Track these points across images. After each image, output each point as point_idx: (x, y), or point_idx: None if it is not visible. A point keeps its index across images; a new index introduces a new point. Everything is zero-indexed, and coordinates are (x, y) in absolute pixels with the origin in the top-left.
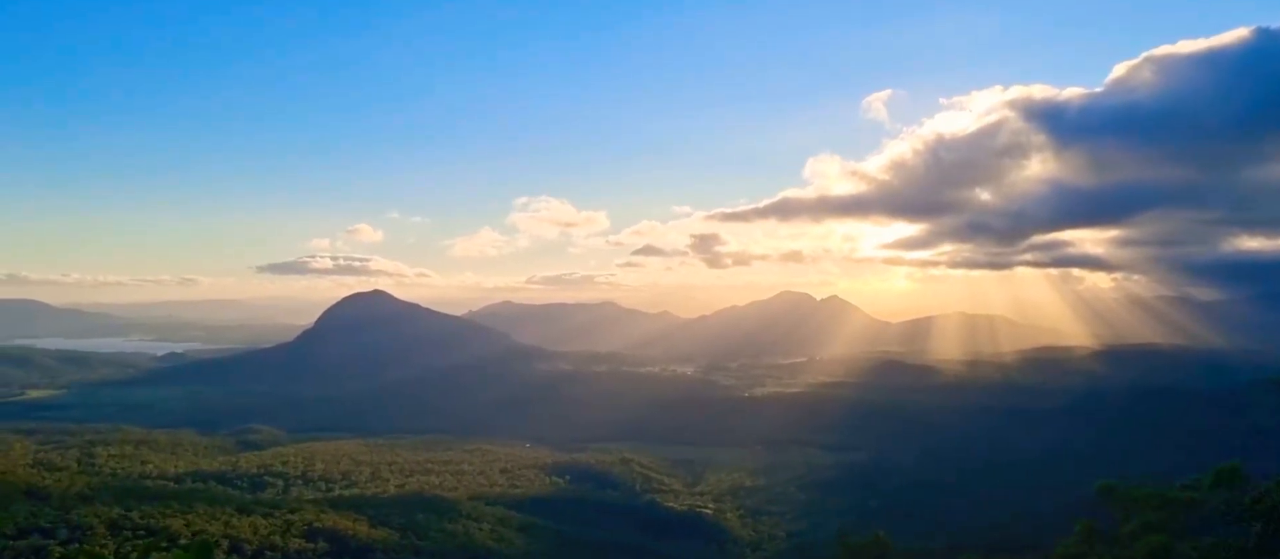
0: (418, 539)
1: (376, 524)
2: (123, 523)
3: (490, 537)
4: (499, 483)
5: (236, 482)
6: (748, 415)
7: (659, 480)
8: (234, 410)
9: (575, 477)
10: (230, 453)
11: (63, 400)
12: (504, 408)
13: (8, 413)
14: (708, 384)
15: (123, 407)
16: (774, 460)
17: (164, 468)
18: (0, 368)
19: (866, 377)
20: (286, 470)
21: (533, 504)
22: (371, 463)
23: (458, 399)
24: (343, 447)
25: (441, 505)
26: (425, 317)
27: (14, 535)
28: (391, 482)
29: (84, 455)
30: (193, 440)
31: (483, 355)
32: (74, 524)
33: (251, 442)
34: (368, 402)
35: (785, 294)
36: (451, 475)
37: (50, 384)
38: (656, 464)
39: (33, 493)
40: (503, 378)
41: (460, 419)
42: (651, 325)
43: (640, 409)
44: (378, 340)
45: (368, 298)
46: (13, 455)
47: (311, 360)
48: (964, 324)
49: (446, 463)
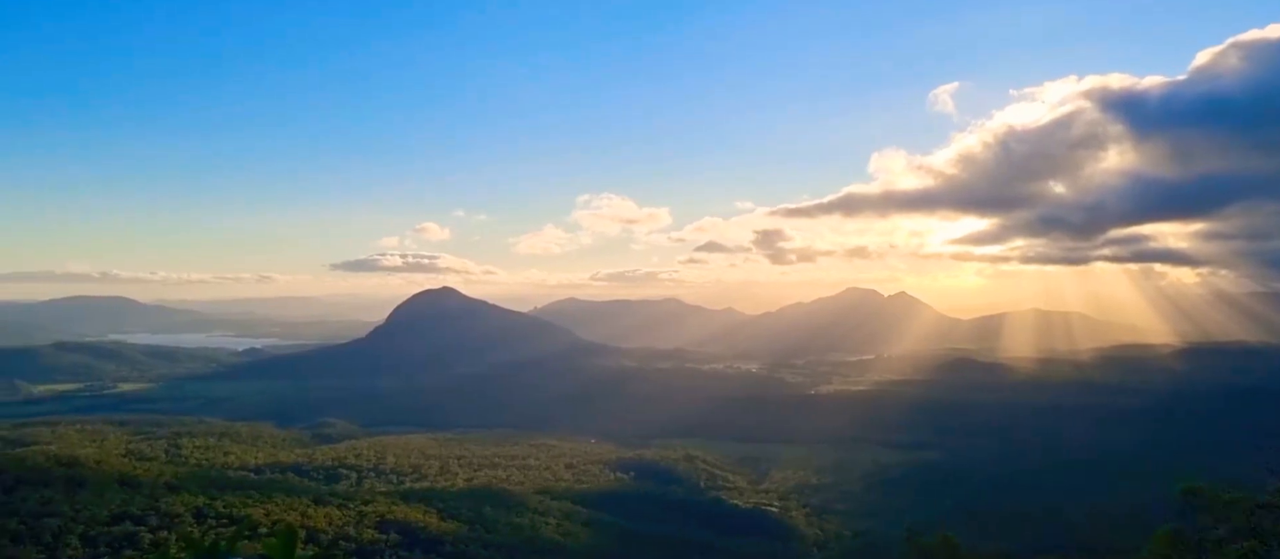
0: (485, 532)
1: (446, 517)
2: (207, 511)
3: (556, 531)
4: (564, 478)
5: (312, 473)
6: (813, 413)
7: (723, 477)
8: (309, 404)
9: (639, 472)
10: (306, 445)
11: (152, 393)
12: (568, 403)
13: (102, 405)
14: (772, 381)
15: (206, 400)
16: (840, 459)
17: (244, 459)
18: (95, 362)
19: (936, 374)
20: (359, 463)
21: (597, 499)
22: (440, 457)
23: (523, 394)
24: (413, 441)
25: (508, 499)
26: (492, 313)
27: (109, 521)
28: (460, 475)
29: (171, 446)
30: (271, 433)
31: (548, 351)
32: (163, 512)
33: (326, 435)
34: (437, 396)
35: (851, 290)
36: (518, 470)
37: (140, 377)
38: (720, 461)
39: (125, 481)
40: (567, 374)
41: (526, 414)
42: (715, 322)
43: (704, 406)
44: (446, 336)
45: (436, 294)
46: (107, 445)
47: (383, 355)
48: (1038, 321)
49: (513, 457)
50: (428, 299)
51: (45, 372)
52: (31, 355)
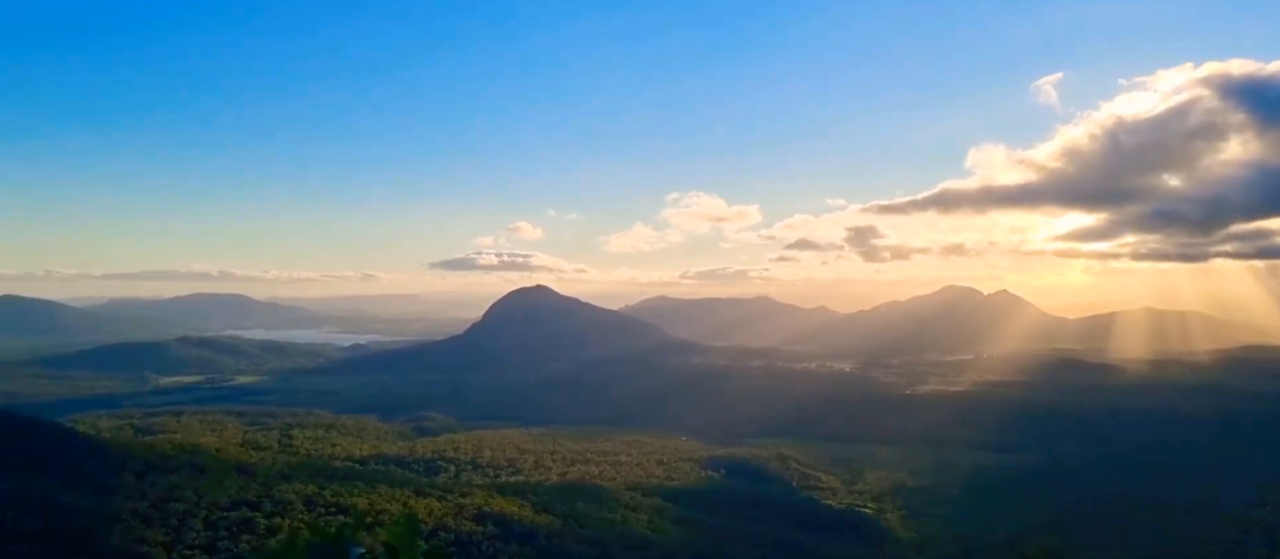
0: (578, 526)
1: (540, 510)
2: (316, 500)
3: (648, 527)
4: (655, 474)
5: (413, 465)
6: (909, 413)
7: (816, 477)
8: (410, 398)
9: (731, 471)
10: (408, 438)
11: (265, 386)
12: (659, 401)
13: (221, 396)
14: (866, 380)
15: (315, 393)
16: (937, 461)
17: (350, 451)
18: (215, 355)
19: (1040, 375)
20: (458, 456)
21: (689, 496)
22: (535, 451)
23: (615, 391)
24: (508, 435)
25: (601, 494)
26: (584, 311)
27: (227, 507)
28: (553, 470)
29: (283, 436)
30: (375, 426)
31: (639, 349)
32: (276, 499)
33: (426, 428)
34: (531, 392)
35: (949, 288)
36: (610, 465)
37: (255, 371)
38: (813, 461)
39: (242, 469)
40: (658, 371)
41: (617, 411)
42: (807, 320)
43: (796, 405)
44: (540, 333)
45: (531, 292)
46: (226, 434)
47: (479, 352)
48: (1151, 320)
49: (605, 453)
50: (522, 297)
51: (171, 364)
52: (160, 349)
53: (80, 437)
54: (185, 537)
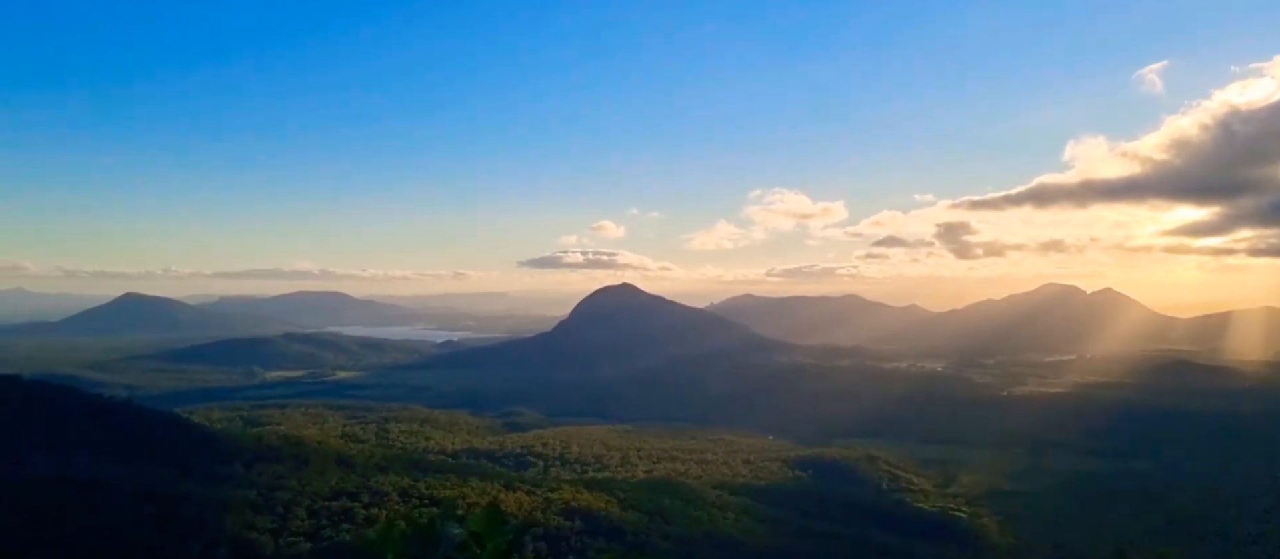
0: (665, 524)
1: (626, 507)
2: (411, 491)
3: (734, 526)
4: (742, 473)
5: (503, 459)
6: (1005, 415)
7: (907, 479)
8: (500, 393)
9: (818, 471)
10: (498, 433)
11: (363, 381)
12: (745, 399)
13: (322, 390)
14: (959, 381)
15: (410, 387)
16: (1036, 464)
17: (443, 444)
18: (316, 351)
19: (1147, 377)
20: (546, 451)
21: (775, 496)
22: (621, 448)
23: (700, 389)
24: (595, 431)
25: (687, 492)
26: (669, 308)
27: (329, 496)
28: (640, 467)
29: (380, 430)
30: (466, 420)
31: (724, 347)
32: (373, 490)
33: (516, 423)
34: (617, 389)
35: (1049, 286)
36: (696, 463)
37: (354, 366)
38: (903, 462)
39: (342, 460)
40: (743, 369)
41: (703, 408)
42: (897, 319)
43: (885, 405)
44: (625, 331)
45: (616, 290)
46: (327, 427)
47: (567, 349)
48: (1272, 320)
49: (691, 451)
50: (608, 295)
51: (276, 359)
52: (265, 344)
53: (195, 427)
54: (290, 524)
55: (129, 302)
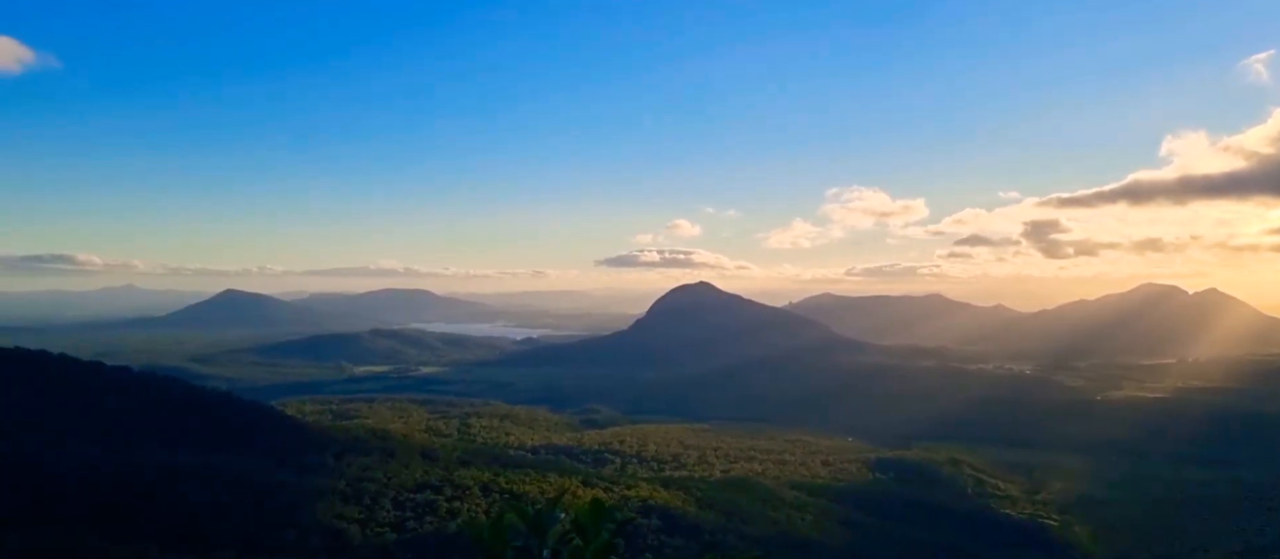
0: (742, 524)
1: (703, 506)
2: (492, 485)
3: (813, 528)
4: (820, 474)
5: (581, 456)
6: (1099, 420)
7: (992, 484)
8: (579, 391)
9: (899, 473)
10: (576, 429)
11: (446, 376)
12: (824, 399)
13: (407, 385)
14: (1049, 384)
15: (491, 383)
16: (1132, 472)
17: (523, 440)
18: (401, 347)
19: (1257, 382)
20: (623, 449)
21: (855, 498)
22: (698, 447)
23: (778, 388)
24: (672, 430)
25: (764, 492)
26: (747, 307)
27: (413, 489)
28: (717, 466)
29: (462, 424)
30: (546, 416)
31: (803, 346)
32: (456, 483)
33: (593, 420)
34: (694, 387)
35: (1146, 286)
36: (773, 463)
37: (437, 362)
38: (989, 467)
39: (426, 453)
40: (822, 369)
41: (780, 408)
42: (983, 319)
43: (970, 407)
44: (703, 329)
45: (693, 289)
46: (411, 421)
47: (644, 347)
48: None
49: (768, 451)
50: (685, 293)
51: (363, 354)
52: (353, 340)
53: (289, 420)
54: (377, 515)
55: (228, 298)
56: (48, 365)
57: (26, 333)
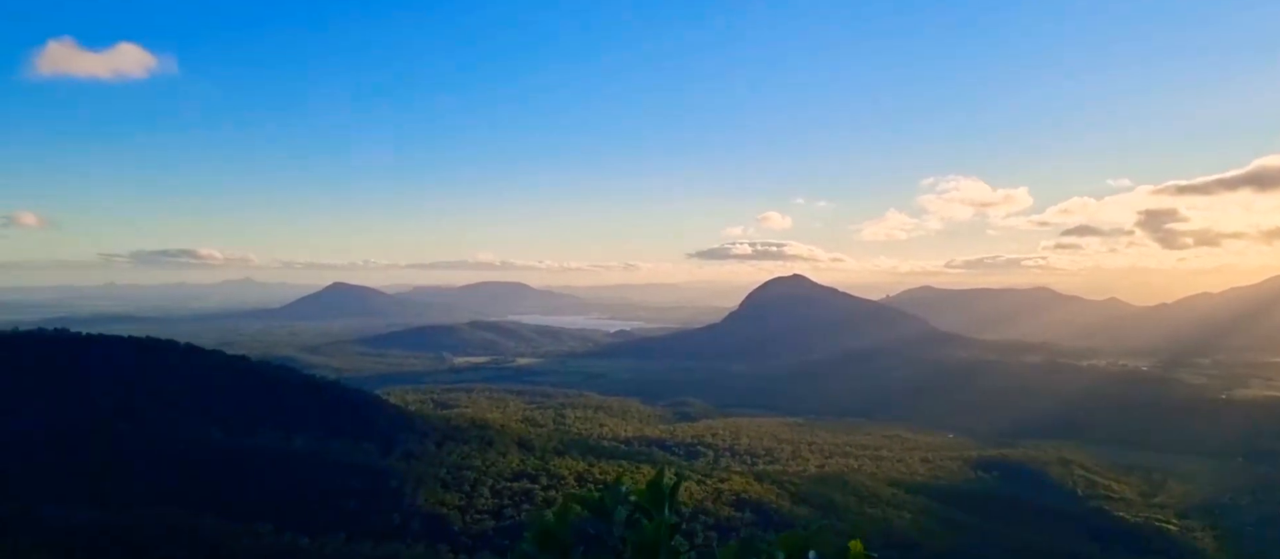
0: (837, 520)
1: (797, 501)
2: (586, 476)
3: (912, 526)
4: (919, 472)
5: (674, 448)
6: (1224, 420)
7: (1105, 486)
8: (671, 383)
9: (1004, 473)
10: (668, 422)
11: (541, 367)
12: (922, 394)
13: (504, 376)
14: (1168, 381)
15: (585, 375)
16: (1263, 476)
17: (616, 431)
18: (498, 338)
19: None
20: (716, 442)
21: (957, 497)
22: (792, 441)
23: (875, 383)
24: (765, 423)
25: (860, 489)
26: (842, 300)
27: (510, 477)
28: (811, 461)
29: (557, 415)
30: (638, 408)
31: (900, 340)
32: (551, 473)
33: (686, 413)
34: (788, 381)
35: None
36: (870, 459)
37: (532, 353)
38: (1101, 468)
39: (522, 443)
40: (921, 363)
41: (877, 403)
42: (1094, 313)
43: (1081, 405)
44: (797, 322)
45: (787, 282)
46: (508, 411)
47: (736, 340)
48: None
49: (864, 447)
50: (779, 286)
51: (462, 345)
52: (453, 332)
53: (393, 408)
54: (476, 502)
55: (336, 290)
56: (174, 353)
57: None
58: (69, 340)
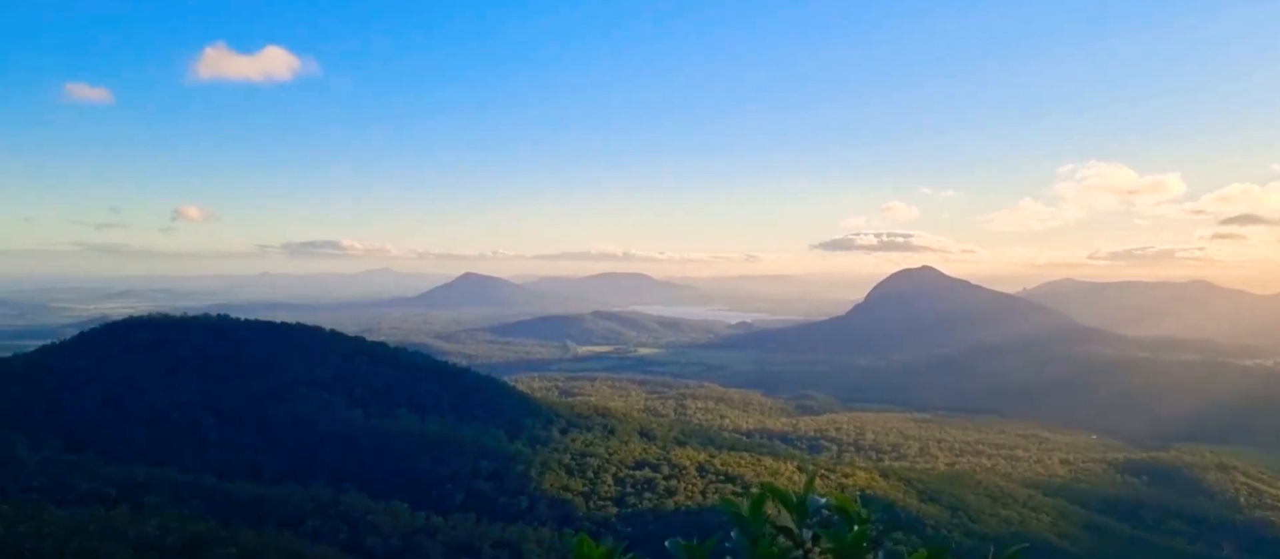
0: (969, 521)
1: (925, 499)
2: (707, 467)
3: (1051, 530)
4: (1059, 473)
5: (796, 442)
6: None
7: (1272, 495)
8: (793, 376)
9: (1154, 477)
10: (790, 415)
11: (662, 358)
12: (1062, 392)
13: (626, 365)
14: None
15: (705, 366)
16: None
17: (737, 423)
18: (620, 328)
19: None
20: (840, 436)
21: (1101, 502)
22: (919, 438)
23: (1009, 379)
24: (891, 419)
25: (994, 489)
26: (974, 293)
27: (632, 466)
28: (940, 459)
29: (678, 405)
30: (759, 401)
31: (1038, 335)
32: (672, 463)
33: (808, 406)
34: (916, 375)
35: None
36: (1004, 459)
37: (653, 343)
38: (1267, 475)
39: (644, 432)
40: (1061, 360)
41: (1012, 401)
42: (1261, 310)
43: (1243, 408)
44: (925, 315)
45: (916, 273)
46: (630, 400)
47: (861, 332)
48: None
49: (998, 445)
50: (906, 278)
51: (586, 335)
52: (577, 322)
53: (520, 395)
54: (599, 489)
55: (467, 280)
56: (320, 339)
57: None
58: (230, 326)
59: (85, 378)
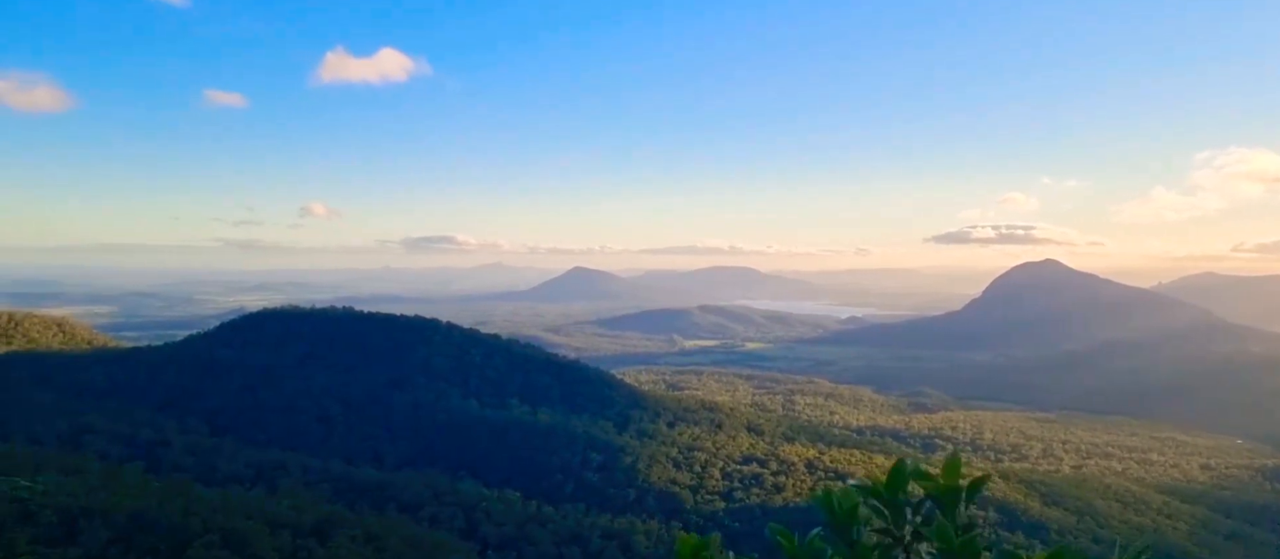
0: (1097, 526)
1: (1048, 503)
2: (816, 463)
3: (1189, 539)
4: (1198, 478)
5: (909, 440)
6: None
7: None
8: (905, 372)
9: None
10: (903, 412)
11: (770, 352)
12: (1201, 392)
13: (733, 360)
14: None
15: (814, 361)
16: None
17: (847, 420)
18: (727, 322)
19: None
20: (955, 435)
21: (1246, 511)
22: (1042, 438)
23: (1142, 379)
24: (1010, 418)
25: (1125, 495)
26: (1102, 287)
27: (739, 461)
28: (1065, 461)
29: (786, 401)
30: (870, 397)
31: (1173, 331)
32: (780, 459)
33: (921, 404)
34: (1037, 374)
35: None
36: (1136, 462)
37: (761, 338)
38: None
39: (751, 427)
40: (1199, 358)
41: (1144, 401)
42: None
43: None
44: (1047, 311)
45: (1038, 267)
46: (738, 394)
47: (978, 328)
48: None
49: (1129, 448)
50: (1027, 271)
51: (693, 329)
52: (684, 316)
53: (628, 388)
54: (706, 483)
55: (576, 274)
56: (438, 332)
57: (420, 303)
58: (352, 318)
59: (226, 366)
